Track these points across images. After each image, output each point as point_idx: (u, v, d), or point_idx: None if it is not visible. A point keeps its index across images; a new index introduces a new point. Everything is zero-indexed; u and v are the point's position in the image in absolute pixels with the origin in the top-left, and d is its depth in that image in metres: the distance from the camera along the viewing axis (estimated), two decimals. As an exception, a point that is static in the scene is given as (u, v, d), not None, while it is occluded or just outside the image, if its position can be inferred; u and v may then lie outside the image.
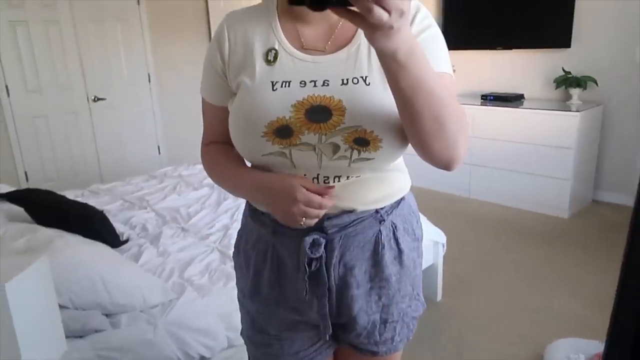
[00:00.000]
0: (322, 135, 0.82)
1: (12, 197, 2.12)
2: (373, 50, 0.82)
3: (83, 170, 4.24)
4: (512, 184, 3.90)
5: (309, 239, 0.88)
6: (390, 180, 0.94)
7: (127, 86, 4.43)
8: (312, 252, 0.89)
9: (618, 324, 0.42)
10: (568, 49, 3.82)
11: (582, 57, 3.80)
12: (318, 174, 0.88)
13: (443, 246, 2.55)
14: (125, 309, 1.64)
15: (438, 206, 3.99)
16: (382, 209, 0.93)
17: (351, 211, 0.90)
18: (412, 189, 1.03)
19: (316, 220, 0.86)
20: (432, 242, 2.48)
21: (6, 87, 3.75)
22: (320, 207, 0.83)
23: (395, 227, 0.95)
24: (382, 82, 0.81)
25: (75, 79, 4.09)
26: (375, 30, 0.60)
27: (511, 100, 4.00)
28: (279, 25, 0.88)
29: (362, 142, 0.82)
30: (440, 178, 4.31)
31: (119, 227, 2.33)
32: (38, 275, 1.06)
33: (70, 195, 2.76)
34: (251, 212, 1.00)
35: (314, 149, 0.84)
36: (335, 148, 0.83)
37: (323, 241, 0.89)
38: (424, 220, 2.51)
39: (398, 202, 0.96)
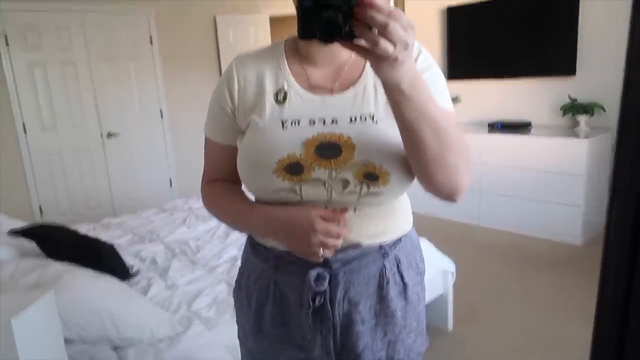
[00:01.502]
0: (333, 170, 0.85)
1: (25, 233, 2.17)
2: (379, 89, 0.87)
3: (96, 204, 4.32)
4: (523, 211, 3.87)
5: (313, 273, 0.89)
6: (395, 215, 0.95)
7: (140, 122, 4.54)
8: (316, 286, 0.89)
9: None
10: (573, 77, 3.84)
11: (587, 83, 3.81)
12: (326, 207, 0.88)
13: (452, 275, 2.53)
14: (133, 342, 1.64)
15: (448, 234, 3.97)
16: (385, 243, 0.93)
17: (356, 246, 0.91)
18: (421, 216, 1.06)
19: (334, 251, 0.86)
20: (441, 271, 2.46)
21: (23, 125, 3.88)
22: (338, 236, 0.84)
23: (399, 261, 0.95)
24: (388, 119, 0.84)
25: (90, 117, 4.22)
26: (381, 62, 0.63)
27: (518, 128, 4.02)
28: (287, 67, 0.91)
29: (371, 177, 0.84)
30: (449, 206, 4.29)
31: (129, 260, 2.36)
32: (45, 311, 1.08)
33: (82, 229, 2.81)
34: (252, 248, 1.00)
35: (324, 185, 0.86)
36: (345, 183, 0.85)
37: (327, 275, 0.90)
38: (432, 248, 2.50)
39: (401, 238, 0.97)
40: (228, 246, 2.53)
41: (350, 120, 0.85)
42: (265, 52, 0.95)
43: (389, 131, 0.84)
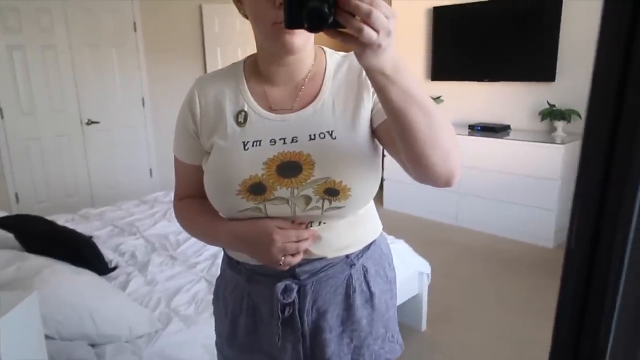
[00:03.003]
0: (294, 189, 0.87)
1: (3, 224, 2.15)
2: (337, 105, 0.90)
3: (74, 191, 4.27)
4: (499, 213, 3.97)
5: (280, 285, 0.92)
6: (361, 224, 0.98)
7: (122, 110, 4.48)
8: (284, 298, 0.92)
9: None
10: (553, 83, 3.93)
11: (566, 90, 3.90)
12: (292, 222, 0.92)
13: (428, 276, 2.59)
14: (111, 339, 1.66)
15: (425, 234, 4.04)
16: (352, 253, 0.96)
17: (322, 258, 0.93)
18: (398, 215, 1.08)
19: (298, 257, 0.89)
20: (416, 272, 2.52)
21: (1, 109, 3.80)
22: (297, 239, 0.87)
23: (366, 270, 0.98)
24: (347, 134, 0.88)
25: (70, 103, 4.15)
26: (365, 49, 0.65)
27: (498, 131, 4.09)
28: (246, 88, 0.93)
29: (332, 192, 0.87)
30: (427, 205, 4.37)
31: (108, 253, 2.36)
32: (28, 312, 1.09)
33: (61, 220, 2.78)
34: (228, 260, 1.03)
35: (287, 202, 0.88)
36: (307, 200, 0.88)
37: (295, 287, 0.93)
38: (409, 250, 2.55)
39: (368, 246, 1.00)
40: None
41: (310, 137, 0.88)
42: (224, 73, 0.97)
43: (349, 146, 0.87)
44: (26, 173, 3.99)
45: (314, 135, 0.88)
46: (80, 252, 2.05)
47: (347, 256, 0.96)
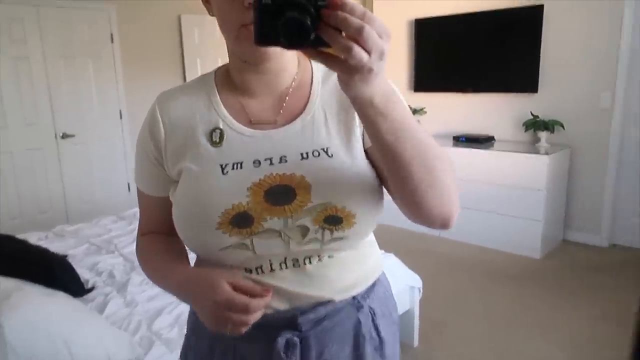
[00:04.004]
0: (288, 218, 0.73)
1: (-30, 244, 2.01)
2: (329, 117, 0.78)
3: (48, 207, 4.09)
4: (485, 224, 3.94)
5: (281, 341, 0.77)
6: (365, 256, 0.85)
7: (98, 123, 4.34)
8: (287, 356, 0.77)
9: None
10: (536, 94, 3.94)
11: (549, 101, 3.92)
12: (285, 258, 0.77)
13: (419, 290, 2.52)
14: (88, 368, 1.54)
15: (410, 246, 3.98)
16: (358, 293, 0.83)
17: (327, 302, 0.79)
18: (384, 227, 0.97)
19: (246, 327, 0.69)
20: (408, 286, 2.45)
21: (-30, 123, 3.63)
22: (247, 310, 0.67)
23: (374, 312, 0.85)
24: (345, 151, 0.76)
25: (44, 115, 3.99)
26: (352, 74, 0.53)
27: (482, 142, 4.08)
28: (219, 100, 0.79)
29: (333, 220, 0.74)
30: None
31: (83, 273, 2.23)
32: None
33: (33, 238, 2.64)
34: None
35: (280, 235, 0.74)
36: (304, 231, 0.74)
37: (298, 341, 0.78)
38: (400, 264, 2.48)
39: (374, 283, 0.87)
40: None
41: (302, 156, 0.74)
42: (192, 87, 0.82)
43: (348, 165, 0.74)
44: (-4, 189, 3.81)
45: (306, 153, 0.74)
46: (54, 272, 1.92)
47: (354, 297, 0.82)
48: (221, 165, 0.74)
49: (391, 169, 0.65)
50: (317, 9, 0.51)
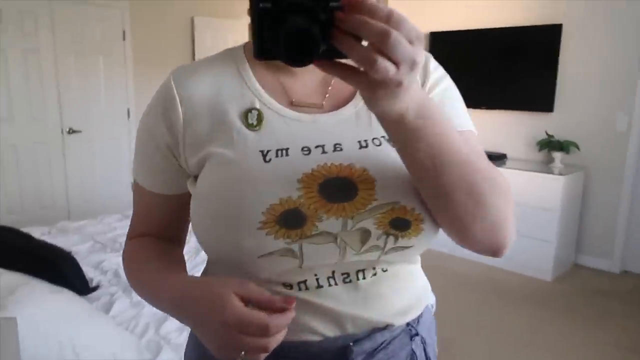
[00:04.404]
0: (348, 219, 0.59)
1: (-28, 234, 1.92)
2: None
3: (50, 203, 4.01)
4: (495, 243, 3.85)
5: None
6: (417, 274, 0.73)
7: (105, 120, 4.28)
8: None
9: None
10: (551, 113, 3.90)
11: (564, 121, 3.87)
12: (334, 271, 0.62)
13: (432, 306, 2.44)
14: (93, 370, 1.44)
15: (421, 262, 3.89)
16: (413, 319, 0.70)
17: (383, 327, 0.66)
18: None
19: (265, 354, 0.53)
20: (422, 302, 2.36)
21: (-25, 113, 3.56)
22: (266, 331, 0.51)
23: (425, 342, 0.73)
24: None
25: (51, 109, 3.93)
26: (376, 90, 0.44)
27: (494, 159, 4.02)
28: (252, 77, 0.66)
29: (401, 224, 0.60)
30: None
31: (88, 271, 2.14)
32: (4, 340, 0.90)
33: (36, 232, 2.55)
34: None
35: (335, 240, 0.60)
36: (365, 236, 0.60)
37: None
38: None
39: (423, 309, 0.75)
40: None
41: (360, 145, 0.62)
42: (216, 61, 0.68)
43: None
44: (-2, 181, 3.73)
45: (365, 141, 0.62)
46: (59, 267, 1.83)
47: (408, 324, 0.69)
48: (262, 152, 0.60)
49: (428, 195, 0.56)
50: (330, 12, 0.41)
